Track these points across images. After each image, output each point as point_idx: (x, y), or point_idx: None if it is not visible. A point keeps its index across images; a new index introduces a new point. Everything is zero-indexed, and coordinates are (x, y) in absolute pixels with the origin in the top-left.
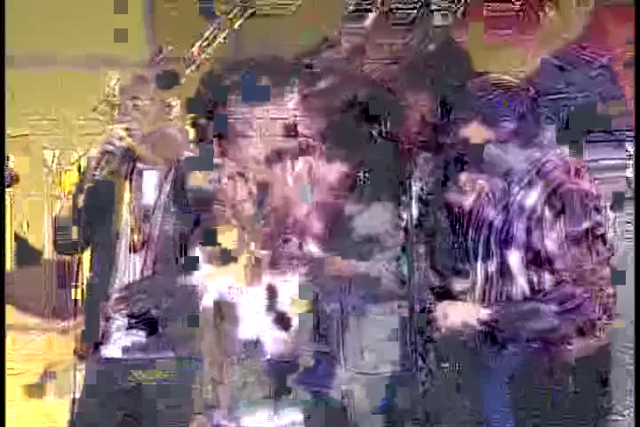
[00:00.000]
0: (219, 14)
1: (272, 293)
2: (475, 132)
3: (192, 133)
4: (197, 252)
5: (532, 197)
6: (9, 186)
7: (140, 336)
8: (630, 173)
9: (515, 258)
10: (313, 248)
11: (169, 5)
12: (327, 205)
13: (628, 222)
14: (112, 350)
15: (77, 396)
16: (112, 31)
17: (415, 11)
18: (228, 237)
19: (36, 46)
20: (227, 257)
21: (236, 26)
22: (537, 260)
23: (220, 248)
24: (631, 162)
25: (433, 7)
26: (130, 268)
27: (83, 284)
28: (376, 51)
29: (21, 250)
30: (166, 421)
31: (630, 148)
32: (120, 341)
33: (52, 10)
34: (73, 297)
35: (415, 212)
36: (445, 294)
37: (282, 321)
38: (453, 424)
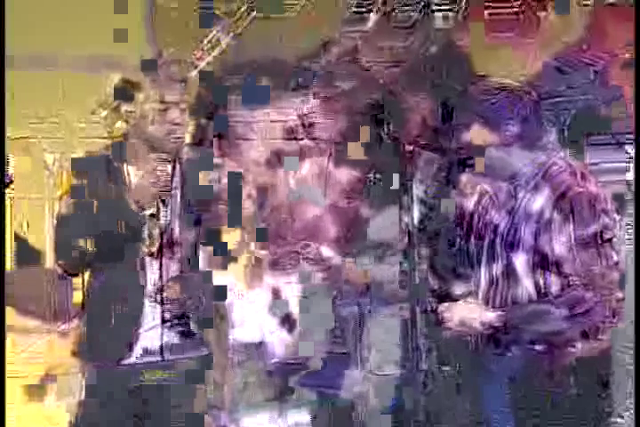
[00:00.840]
0: (222, 17)
1: (275, 294)
2: (477, 135)
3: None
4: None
5: (540, 201)
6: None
7: (174, 337)
8: (630, 176)
9: (521, 261)
10: (327, 252)
11: (169, 5)
12: (338, 208)
13: (629, 225)
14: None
15: (82, 398)
16: (112, 31)
17: (416, 13)
18: (228, 237)
19: (36, 46)
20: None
21: (240, 29)
22: (544, 263)
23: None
24: (631, 165)
25: (433, 7)
26: (149, 272)
27: (84, 287)
28: (377, 53)
29: (21, 250)
30: (172, 421)
31: (630, 150)
32: (151, 343)
33: (52, 10)
34: (74, 300)
35: (417, 214)
36: (446, 297)
37: (286, 323)
38: (453, 426)
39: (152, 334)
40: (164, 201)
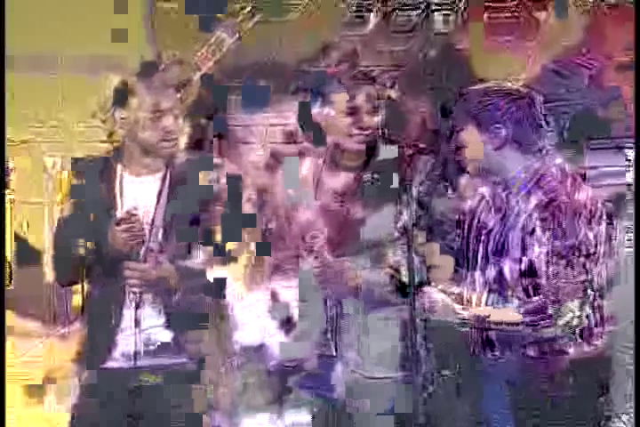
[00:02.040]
0: (224, 18)
1: (274, 297)
2: (473, 138)
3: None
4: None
5: (528, 209)
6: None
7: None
8: (630, 178)
9: (509, 269)
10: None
11: (169, 6)
12: (335, 209)
13: (629, 227)
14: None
15: (77, 399)
16: (111, 32)
17: (416, 16)
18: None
19: (36, 47)
20: (227, 257)
21: (243, 31)
22: (529, 271)
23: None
24: (631, 168)
25: (433, 7)
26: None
27: (83, 291)
28: (376, 57)
29: (21, 250)
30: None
31: (630, 153)
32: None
33: (52, 10)
34: (74, 304)
35: (413, 214)
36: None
37: (285, 325)
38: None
39: (130, 339)
40: (142, 241)
